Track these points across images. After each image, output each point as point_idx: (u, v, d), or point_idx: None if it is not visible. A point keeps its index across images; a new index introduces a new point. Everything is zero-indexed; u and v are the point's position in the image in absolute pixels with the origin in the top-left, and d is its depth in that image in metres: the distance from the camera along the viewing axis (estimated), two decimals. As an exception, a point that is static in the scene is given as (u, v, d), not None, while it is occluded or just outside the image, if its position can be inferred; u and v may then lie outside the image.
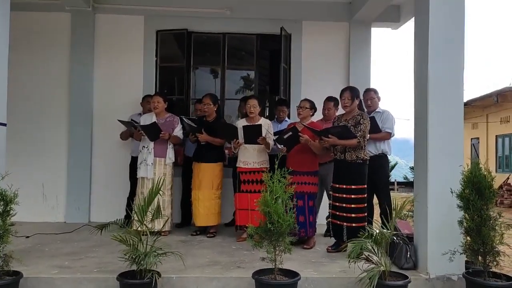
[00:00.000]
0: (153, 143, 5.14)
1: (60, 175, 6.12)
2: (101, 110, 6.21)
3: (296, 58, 6.39)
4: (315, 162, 4.83)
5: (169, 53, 6.52)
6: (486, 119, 16.42)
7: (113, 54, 6.26)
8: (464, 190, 3.33)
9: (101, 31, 6.26)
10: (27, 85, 6.09)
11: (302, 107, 4.83)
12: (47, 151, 6.13)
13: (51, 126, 6.15)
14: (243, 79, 7.29)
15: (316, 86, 6.20)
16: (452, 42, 3.70)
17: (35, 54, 6.14)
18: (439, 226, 3.62)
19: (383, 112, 5.31)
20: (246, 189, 4.95)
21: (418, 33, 3.91)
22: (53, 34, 6.21)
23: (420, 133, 3.84)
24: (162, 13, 6.26)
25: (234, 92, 7.12)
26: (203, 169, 5.21)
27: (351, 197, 4.33)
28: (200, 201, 5.18)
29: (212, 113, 5.26)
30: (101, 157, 6.21)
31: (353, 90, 4.56)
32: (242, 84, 7.40)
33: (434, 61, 3.68)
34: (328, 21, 6.44)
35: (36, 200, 6.03)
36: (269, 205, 3.24)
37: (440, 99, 3.69)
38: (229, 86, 6.81)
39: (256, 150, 4.94)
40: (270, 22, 6.27)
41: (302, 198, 4.65)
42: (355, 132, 4.30)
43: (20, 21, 5.55)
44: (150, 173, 5.11)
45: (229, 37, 6.54)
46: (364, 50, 6.36)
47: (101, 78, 6.24)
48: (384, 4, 5.77)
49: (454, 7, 3.73)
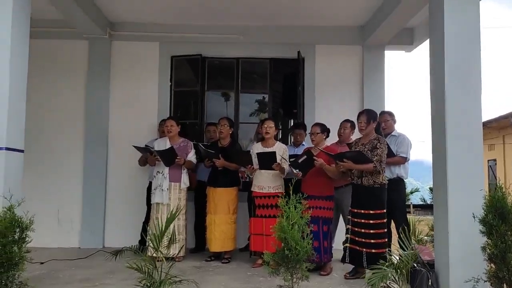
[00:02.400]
0: (168, 168, 5.14)
1: (75, 200, 6.14)
2: (116, 135, 6.27)
3: (310, 81, 6.40)
4: (330, 186, 4.77)
5: (184, 77, 6.60)
6: (502, 141, 16.17)
7: (129, 80, 6.36)
8: (487, 215, 3.22)
9: (117, 58, 6.39)
10: (44, 111, 6.20)
11: (314, 133, 4.80)
12: (63, 176, 6.18)
13: (67, 152, 6.22)
14: (257, 103, 7.32)
15: (330, 109, 6.19)
16: (468, 63, 3.67)
17: (52, 80, 6.27)
18: (461, 252, 3.51)
19: (398, 135, 5.24)
20: (261, 214, 4.90)
21: (434, 55, 3.89)
22: (70, 61, 6.35)
23: (439, 157, 3.77)
24: (176, 39, 6.37)
25: (247, 115, 7.12)
26: (219, 194, 5.18)
27: (370, 222, 4.25)
28: (216, 225, 5.13)
29: (227, 136, 5.26)
30: (116, 182, 6.23)
31: (369, 113, 4.52)
32: (256, 107, 7.42)
33: (451, 83, 3.65)
34: (341, 45, 6.46)
35: (51, 225, 6.04)
36: (285, 231, 3.19)
37: (458, 122, 3.64)
38: (242, 110, 6.83)
39: (271, 175, 4.90)
40: (283, 46, 6.34)
41: (316, 223, 4.57)
42: (371, 156, 4.24)
43: (38, 49, 5.67)
44: (165, 199, 5.10)
45: (242, 61, 6.61)
46: (378, 73, 6.35)
47: (117, 103, 6.33)
48: (397, 27, 5.77)
49: (470, 28, 3.72)
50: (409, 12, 5.18)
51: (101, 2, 5.73)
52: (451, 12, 3.70)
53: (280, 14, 6.00)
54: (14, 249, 3.05)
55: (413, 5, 4.83)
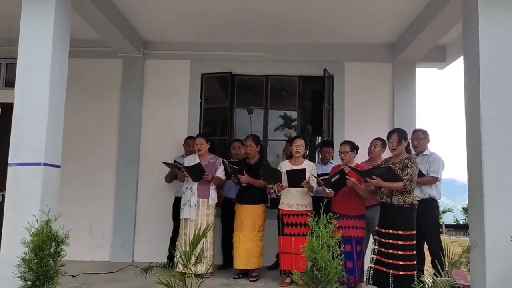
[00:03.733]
0: (197, 184, 5.20)
1: (107, 214, 6.28)
2: (147, 151, 6.41)
3: (339, 98, 6.38)
4: (362, 205, 4.70)
5: (213, 95, 6.70)
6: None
7: (160, 97, 6.52)
8: (525, 238, 3.12)
9: (149, 75, 6.57)
10: (79, 127, 6.39)
11: (343, 151, 4.76)
12: (96, 191, 6.34)
13: (101, 167, 6.39)
14: (285, 120, 7.33)
15: (360, 127, 6.15)
16: (503, 81, 3.59)
17: (88, 97, 6.49)
18: (499, 276, 3.39)
19: (430, 154, 5.11)
20: (289, 232, 4.86)
21: (468, 73, 3.83)
22: (105, 79, 6.57)
23: (475, 176, 3.68)
24: (207, 57, 6.51)
25: (276, 132, 7.13)
26: (245, 211, 5.18)
27: (399, 243, 4.13)
28: (241, 242, 5.12)
29: (255, 155, 5.28)
30: (146, 197, 6.34)
31: (400, 132, 4.45)
32: (285, 124, 7.43)
33: (486, 100, 3.58)
34: (371, 62, 6.43)
35: (84, 238, 6.18)
36: (315, 251, 3.15)
37: (494, 140, 3.55)
38: (271, 127, 6.85)
39: (299, 193, 4.88)
40: (312, 64, 6.37)
41: (349, 243, 4.51)
42: (402, 175, 4.17)
43: (75, 67, 5.86)
44: (193, 214, 5.14)
45: (271, 79, 6.66)
46: (409, 91, 6.27)
47: (148, 120, 6.48)
48: (429, 45, 5.71)
49: (504, 46, 3.64)
50: (441, 30, 5.12)
51: (136, 22, 5.94)
52: (486, 28, 3.65)
53: (309, 31, 6.05)
54: (49, 262, 3.14)
55: (445, 22, 4.78)
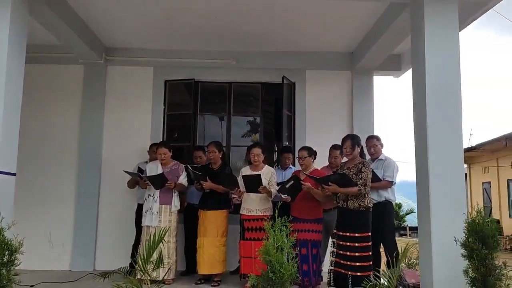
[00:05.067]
0: (159, 191, 5.21)
1: (67, 222, 6.17)
2: (109, 159, 6.35)
3: (300, 105, 6.54)
4: (318, 209, 4.84)
5: (177, 101, 6.73)
6: (496, 163, 16.31)
7: (123, 104, 6.49)
8: (468, 238, 3.30)
9: (112, 82, 6.53)
10: (38, 134, 6.29)
11: (302, 157, 4.91)
12: (55, 199, 6.22)
13: (61, 175, 6.29)
14: (249, 126, 7.43)
15: (320, 133, 6.31)
16: (448, 91, 3.80)
17: (47, 104, 6.38)
18: (445, 275, 3.57)
19: (385, 159, 5.33)
20: (249, 237, 4.94)
21: (416, 83, 4.03)
22: (65, 85, 6.48)
23: (422, 182, 3.87)
24: (170, 64, 6.53)
25: (241, 137, 7.22)
26: (208, 216, 5.23)
27: (355, 245, 4.30)
28: (205, 248, 5.17)
29: (217, 161, 5.35)
30: (108, 205, 6.28)
31: (354, 138, 4.64)
32: (249, 130, 7.52)
33: (432, 111, 3.79)
34: (331, 70, 6.63)
35: (43, 247, 6.05)
36: (270, 253, 3.24)
37: (439, 148, 3.76)
38: (235, 132, 6.93)
39: (259, 198, 4.97)
40: (275, 71, 6.47)
41: (305, 246, 4.64)
42: (356, 180, 4.33)
43: (33, 73, 5.79)
44: (155, 221, 5.15)
45: (235, 85, 6.75)
46: (367, 98, 6.50)
47: (111, 127, 6.43)
48: (384, 54, 5.95)
49: (450, 57, 3.87)
50: (394, 41, 5.36)
51: (98, 28, 5.90)
52: (432, 41, 3.87)
53: (271, 40, 6.18)
54: (2, 271, 3.09)
55: (397, 34, 5.01)
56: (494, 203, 16.78)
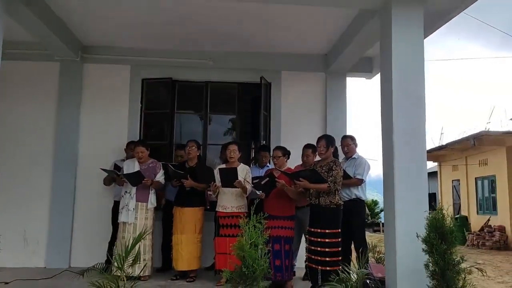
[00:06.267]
0: (135, 188, 5.28)
1: (42, 220, 6.17)
2: (86, 156, 6.36)
3: (276, 105, 6.70)
4: (291, 206, 5.01)
5: (154, 100, 6.77)
6: (465, 162, 16.87)
7: (100, 102, 6.50)
8: (429, 234, 3.51)
9: (88, 80, 6.53)
10: (13, 132, 6.26)
11: (276, 156, 5.08)
12: (30, 197, 6.21)
13: (36, 172, 6.27)
14: (226, 125, 7.55)
15: (295, 132, 6.47)
16: (413, 94, 4.02)
17: (22, 102, 6.35)
18: (408, 269, 3.78)
19: (357, 158, 5.54)
20: (225, 233, 5.07)
21: (383, 86, 4.23)
22: (41, 82, 6.45)
23: (388, 181, 4.07)
24: (147, 63, 6.57)
25: (217, 137, 7.32)
26: (186, 214, 5.34)
27: (326, 241, 4.48)
28: (183, 245, 5.27)
29: (194, 158, 5.46)
30: (84, 202, 6.30)
31: (328, 138, 4.82)
32: (226, 129, 7.64)
33: (398, 113, 3.99)
34: (306, 72, 6.80)
35: (17, 245, 6.03)
36: (244, 249, 3.38)
37: (404, 149, 3.97)
38: (212, 132, 7.04)
39: (233, 195, 5.10)
40: (251, 72, 6.59)
41: (278, 242, 4.79)
42: (327, 177, 4.52)
43: (8, 70, 5.73)
44: (131, 218, 5.22)
45: (211, 85, 6.85)
46: (340, 99, 6.71)
47: (87, 125, 6.44)
48: (356, 56, 6.15)
49: (415, 62, 4.09)
50: (365, 44, 5.56)
51: (74, 26, 5.90)
52: (398, 46, 4.08)
53: (247, 41, 6.29)
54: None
55: (368, 38, 5.21)
56: (463, 200, 17.37)
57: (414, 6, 4.07)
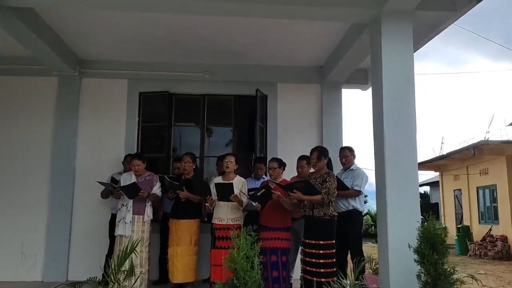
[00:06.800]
0: (132, 201, 5.30)
1: (39, 234, 6.20)
2: (83, 170, 6.42)
3: (272, 117, 6.75)
4: (287, 218, 5.02)
5: (151, 113, 6.84)
6: (466, 171, 16.83)
7: (97, 116, 6.58)
8: (420, 245, 3.52)
9: (86, 94, 6.62)
10: (10, 146, 6.33)
11: (271, 168, 5.11)
12: (28, 211, 6.25)
13: (34, 186, 6.32)
14: (223, 137, 7.59)
15: (291, 144, 6.50)
16: (404, 106, 4.06)
17: (20, 116, 6.43)
18: (400, 279, 3.79)
19: (356, 169, 5.55)
20: (220, 245, 5.06)
21: (374, 98, 4.28)
22: (39, 97, 6.54)
23: (380, 192, 4.09)
24: (144, 76, 6.66)
25: (215, 149, 7.36)
26: (181, 226, 5.35)
27: (320, 252, 4.48)
28: (178, 257, 5.28)
29: (191, 171, 5.49)
30: (81, 216, 6.34)
31: (321, 150, 4.85)
32: (223, 141, 7.69)
33: (388, 125, 4.03)
34: (302, 84, 6.87)
35: (15, 259, 6.06)
36: (235, 261, 3.39)
37: (395, 161, 4.00)
38: (210, 144, 7.09)
39: (229, 207, 5.12)
40: (247, 84, 6.68)
41: (275, 254, 4.81)
42: (321, 189, 4.54)
43: (6, 85, 5.81)
44: (128, 231, 5.23)
45: (208, 98, 6.92)
46: (336, 110, 6.76)
47: (85, 139, 6.51)
48: (351, 68, 6.22)
49: (405, 74, 4.14)
50: (358, 57, 5.63)
51: (71, 41, 5.99)
52: (389, 59, 4.14)
53: (243, 54, 6.38)
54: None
55: (360, 51, 5.27)
56: (465, 209, 17.28)
57: (403, 19, 4.13)
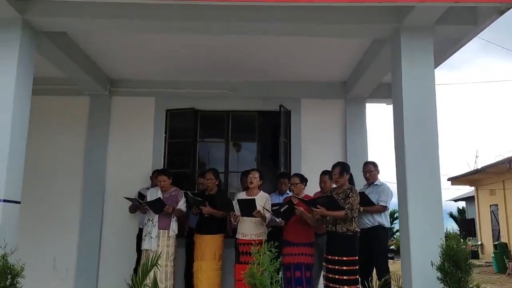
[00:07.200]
0: (158, 216, 5.43)
1: (71, 247, 6.41)
2: (113, 186, 6.62)
3: (296, 133, 6.78)
4: (310, 233, 5.03)
5: (177, 129, 7.00)
6: (503, 186, 16.24)
7: (126, 133, 6.80)
8: (443, 262, 3.46)
9: (116, 112, 6.86)
10: (45, 163, 6.60)
11: (293, 183, 5.14)
12: (60, 226, 6.48)
13: (66, 202, 6.55)
14: (247, 153, 7.67)
15: (315, 160, 6.49)
16: (425, 121, 4.02)
17: (53, 134, 6.71)
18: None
19: (380, 185, 5.51)
20: (244, 260, 5.09)
21: (395, 113, 4.25)
22: (71, 116, 6.83)
23: (403, 208, 4.04)
24: (171, 94, 6.84)
25: (240, 164, 7.44)
26: (205, 241, 5.42)
27: (343, 269, 4.46)
28: (203, 272, 5.34)
29: (214, 187, 5.58)
30: (111, 230, 6.52)
31: (342, 165, 4.86)
32: (247, 157, 7.77)
33: (410, 140, 3.99)
34: (325, 99, 6.89)
35: (47, 272, 6.28)
36: (255, 276, 3.43)
37: (418, 177, 3.95)
38: (234, 159, 7.18)
39: (253, 223, 5.15)
40: (270, 100, 6.75)
41: (299, 269, 4.82)
42: (344, 204, 4.53)
43: (40, 105, 6.06)
44: (154, 245, 5.35)
45: (232, 114, 7.04)
46: (360, 125, 6.73)
47: (114, 155, 6.73)
48: (374, 83, 6.19)
49: (426, 89, 4.10)
50: (381, 71, 5.59)
51: (102, 62, 6.25)
52: (408, 74, 4.11)
53: (267, 71, 6.46)
54: (4, 294, 3.31)
55: (383, 64, 5.23)
56: (502, 225, 16.63)
57: (423, 34, 4.11)
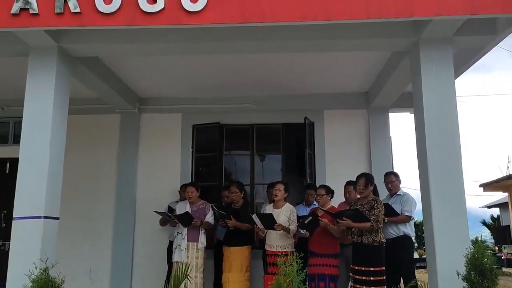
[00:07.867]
0: (186, 229, 5.61)
1: (105, 260, 6.68)
2: (143, 199, 6.87)
3: (320, 144, 6.87)
4: (335, 244, 5.09)
5: (204, 144, 7.20)
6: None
7: (155, 148, 7.06)
8: (469, 272, 3.47)
9: (145, 128, 7.14)
10: (80, 179, 6.89)
11: (319, 194, 5.22)
12: (95, 239, 6.77)
13: (99, 217, 6.84)
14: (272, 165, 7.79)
15: (340, 170, 6.56)
16: (447, 131, 4.05)
17: (87, 151, 7.03)
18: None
19: (403, 195, 5.53)
20: (271, 271, 5.18)
21: (417, 123, 4.30)
22: (103, 133, 7.14)
23: (427, 219, 4.07)
24: (197, 110, 7.08)
25: (264, 176, 7.57)
26: (232, 252, 5.56)
27: (371, 279, 4.50)
28: (230, 283, 5.46)
29: (239, 200, 5.72)
30: (143, 243, 6.76)
31: (367, 177, 4.90)
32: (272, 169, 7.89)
33: (432, 150, 4.03)
34: (348, 109, 6.97)
35: (83, 284, 6.51)
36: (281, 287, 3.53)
37: (441, 187, 3.98)
38: (259, 171, 7.32)
39: (278, 234, 5.25)
40: (294, 113, 6.89)
41: (323, 280, 4.88)
42: (369, 216, 4.58)
43: (75, 123, 6.37)
44: (183, 257, 5.52)
45: (257, 127, 7.20)
46: (384, 134, 6.77)
47: (144, 170, 6.99)
48: (397, 93, 6.23)
49: (446, 99, 4.14)
50: (402, 81, 5.62)
51: (131, 82, 6.55)
52: (428, 85, 4.16)
53: (289, 84, 6.59)
54: (47, 306, 3.53)
55: (402, 76, 5.30)
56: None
57: (442, 46, 4.15)
